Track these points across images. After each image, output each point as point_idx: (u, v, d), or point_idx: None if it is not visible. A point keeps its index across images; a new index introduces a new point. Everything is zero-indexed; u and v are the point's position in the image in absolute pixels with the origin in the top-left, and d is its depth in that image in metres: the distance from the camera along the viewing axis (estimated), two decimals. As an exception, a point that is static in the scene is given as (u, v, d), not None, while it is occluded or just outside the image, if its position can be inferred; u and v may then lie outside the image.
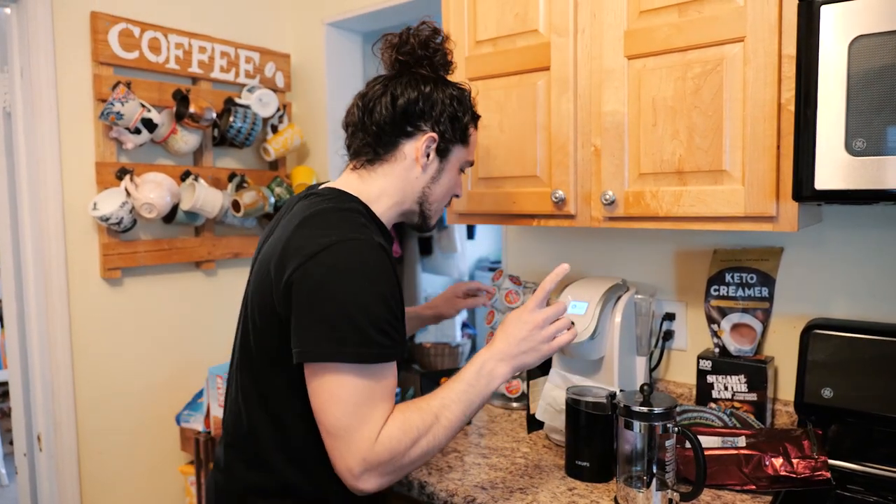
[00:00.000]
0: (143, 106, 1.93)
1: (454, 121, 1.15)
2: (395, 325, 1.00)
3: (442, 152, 1.16)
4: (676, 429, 1.14)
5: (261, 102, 2.25)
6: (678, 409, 1.43)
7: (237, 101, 2.22)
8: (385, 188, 1.14)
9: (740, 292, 1.51)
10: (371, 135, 1.13)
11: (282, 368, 1.02)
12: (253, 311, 1.07)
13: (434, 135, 1.13)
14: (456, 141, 1.17)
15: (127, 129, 1.92)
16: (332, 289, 0.95)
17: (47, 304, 1.87)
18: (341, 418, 0.95)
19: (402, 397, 1.83)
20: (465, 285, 1.61)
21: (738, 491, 1.22)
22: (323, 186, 1.17)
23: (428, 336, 3.88)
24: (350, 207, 1.08)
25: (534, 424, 1.48)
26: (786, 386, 1.49)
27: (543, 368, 1.44)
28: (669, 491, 1.14)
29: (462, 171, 1.24)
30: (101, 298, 1.99)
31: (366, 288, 0.96)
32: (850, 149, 1.02)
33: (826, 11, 1.02)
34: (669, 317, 1.65)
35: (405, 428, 0.98)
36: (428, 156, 1.14)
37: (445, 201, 1.23)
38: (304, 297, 0.96)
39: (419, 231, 1.24)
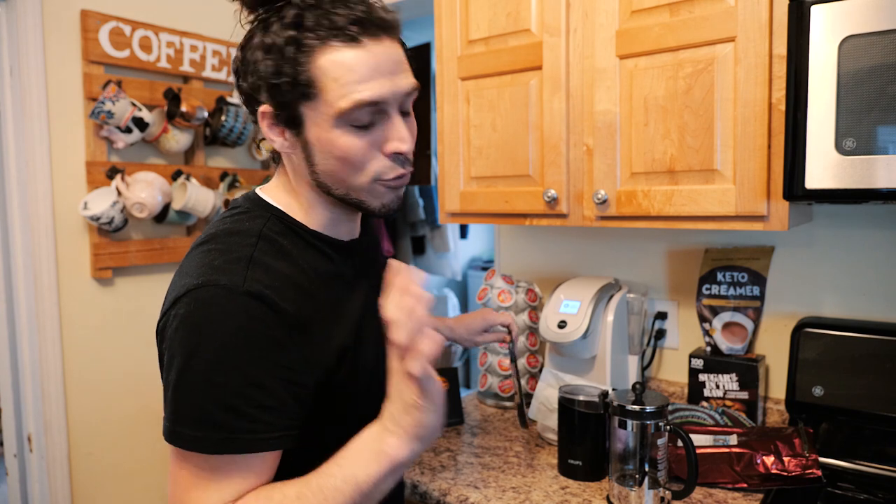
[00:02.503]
0: (133, 105, 1.92)
1: (271, 79, 0.79)
2: (261, 401, 0.74)
3: (290, 122, 0.82)
4: (668, 427, 1.15)
5: (253, 101, 2.25)
6: (670, 407, 1.44)
7: (229, 100, 2.21)
8: (290, 185, 0.89)
9: (732, 291, 1.52)
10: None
11: None
12: None
13: (264, 108, 0.82)
14: (295, 101, 0.80)
15: (118, 127, 1.91)
16: (179, 352, 0.74)
17: (37, 304, 1.86)
18: (170, 500, 0.77)
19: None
20: (493, 319, 1.41)
21: (729, 489, 1.23)
22: (252, 190, 0.93)
23: (421, 335, 3.88)
24: (247, 228, 0.83)
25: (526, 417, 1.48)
26: (777, 384, 1.50)
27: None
28: (661, 489, 1.15)
29: (356, 125, 0.81)
30: (92, 298, 1.98)
31: (211, 356, 0.73)
32: (840, 148, 1.02)
33: (816, 12, 1.03)
34: (661, 316, 1.65)
35: None
36: (282, 133, 0.84)
37: (357, 176, 0.84)
38: (162, 355, 0.78)
39: (373, 216, 0.92)
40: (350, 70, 0.78)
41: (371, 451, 0.74)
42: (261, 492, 0.76)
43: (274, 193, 0.90)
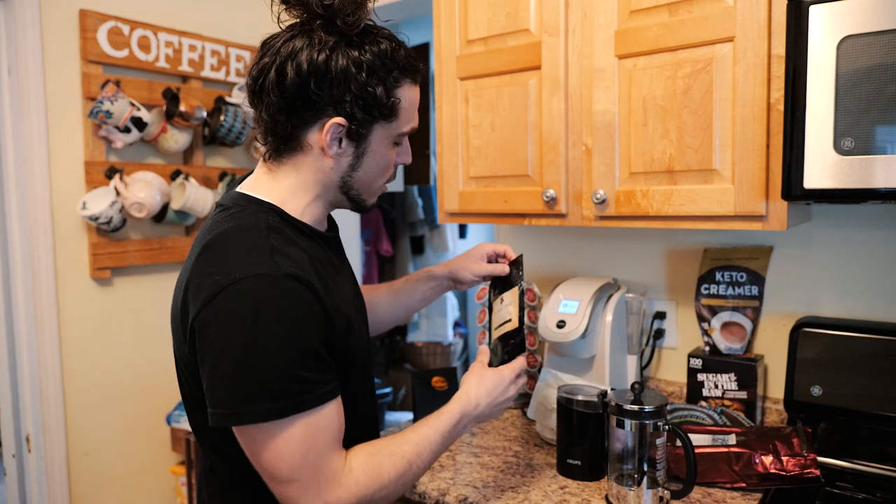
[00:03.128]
0: (132, 104, 1.92)
1: (364, 97, 0.91)
2: (314, 367, 0.86)
3: (356, 136, 0.94)
4: (667, 427, 1.15)
5: (251, 101, 2.24)
6: (669, 407, 1.44)
7: (228, 99, 2.21)
8: (298, 183, 0.97)
9: (730, 291, 1.52)
10: (264, 124, 0.95)
11: None
12: (175, 345, 0.97)
13: (339, 120, 0.91)
14: (375, 119, 0.94)
15: (116, 127, 1.91)
16: (232, 340, 0.82)
17: (36, 304, 1.86)
18: (289, 471, 0.86)
19: (393, 397, 1.82)
20: (491, 246, 1.34)
21: (728, 489, 1.23)
22: (235, 190, 1.01)
23: (420, 335, 3.89)
24: (255, 224, 0.91)
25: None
26: (775, 384, 1.50)
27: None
28: (660, 489, 1.15)
29: (398, 143, 1.02)
30: (91, 298, 1.98)
31: (272, 337, 0.83)
32: (839, 148, 1.02)
33: (815, 12, 1.03)
34: (660, 315, 1.65)
35: (375, 476, 0.91)
36: (339, 143, 0.94)
37: (380, 181, 1.03)
38: (207, 349, 0.85)
39: (359, 213, 1.10)
40: (413, 104, 0.99)
41: (461, 432, 1.05)
42: (382, 445, 0.95)
43: (264, 191, 0.97)
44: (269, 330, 0.82)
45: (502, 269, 1.29)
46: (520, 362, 1.11)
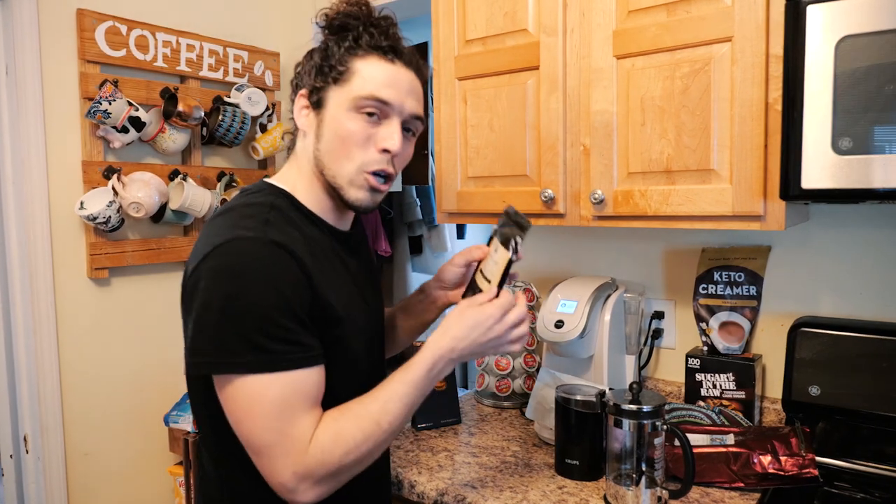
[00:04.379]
0: (130, 104, 1.91)
1: (321, 68, 1.01)
2: (294, 329, 0.89)
3: (316, 104, 1.02)
4: (665, 427, 1.15)
5: (250, 101, 2.24)
6: (667, 407, 1.44)
7: (226, 99, 2.21)
8: (298, 169, 1.05)
9: (728, 291, 1.52)
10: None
11: (207, 376, 0.93)
12: (183, 322, 1.00)
13: (302, 91, 1.03)
14: (328, 84, 1.00)
15: (114, 127, 1.91)
16: (217, 293, 0.87)
17: (33, 304, 1.85)
18: (260, 434, 0.87)
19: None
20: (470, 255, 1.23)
21: (726, 488, 1.23)
22: (262, 179, 1.11)
23: (418, 335, 3.88)
24: (260, 201, 0.98)
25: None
26: (774, 384, 1.50)
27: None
28: (658, 489, 1.15)
29: (368, 112, 0.98)
30: (89, 299, 1.97)
31: (253, 291, 0.87)
32: (837, 148, 1.02)
33: (813, 11, 1.03)
34: (658, 315, 1.65)
35: (338, 439, 0.89)
36: (308, 115, 1.03)
37: (350, 163, 0.99)
38: (196, 302, 0.89)
39: (358, 212, 1.06)
40: (376, 75, 0.99)
41: (437, 377, 0.97)
42: (345, 409, 0.93)
43: (282, 178, 1.07)
44: (253, 283, 0.87)
45: (481, 251, 1.19)
46: (506, 298, 0.99)
